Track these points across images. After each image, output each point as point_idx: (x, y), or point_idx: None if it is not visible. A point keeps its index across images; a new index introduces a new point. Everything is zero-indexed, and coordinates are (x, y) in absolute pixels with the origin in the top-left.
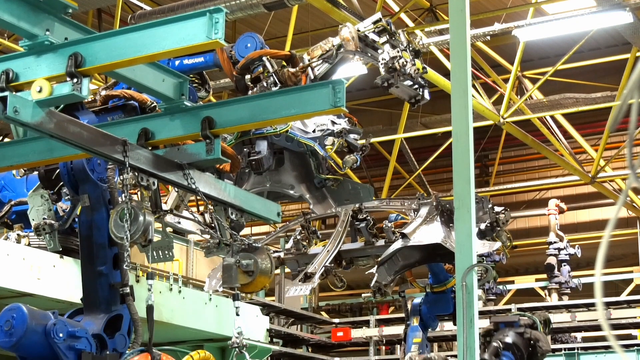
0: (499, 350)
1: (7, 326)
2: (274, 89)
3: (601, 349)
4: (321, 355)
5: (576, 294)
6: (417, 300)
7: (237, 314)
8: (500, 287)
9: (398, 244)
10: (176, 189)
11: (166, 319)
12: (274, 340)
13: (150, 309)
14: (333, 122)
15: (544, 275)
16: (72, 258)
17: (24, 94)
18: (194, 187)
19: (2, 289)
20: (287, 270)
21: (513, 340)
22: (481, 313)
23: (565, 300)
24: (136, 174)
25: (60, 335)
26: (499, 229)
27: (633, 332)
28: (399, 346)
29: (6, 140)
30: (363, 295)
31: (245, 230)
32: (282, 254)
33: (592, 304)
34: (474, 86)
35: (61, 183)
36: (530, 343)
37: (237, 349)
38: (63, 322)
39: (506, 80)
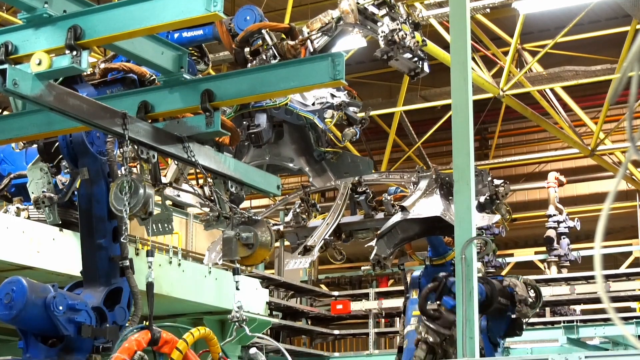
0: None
1: (6, 299)
2: (273, 61)
3: (600, 322)
4: (320, 328)
5: (575, 267)
6: (417, 273)
7: (237, 288)
8: (500, 259)
9: (397, 217)
10: (176, 162)
11: (166, 292)
12: (274, 313)
13: (150, 286)
14: (332, 95)
15: (543, 248)
16: (72, 231)
17: (23, 66)
18: (193, 159)
19: (2, 262)
20: (286, 243)
21: (484, 276)
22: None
23: (565, 273)
24: (136, 146)
25: (60, 308)
26: (498, 201)
27: (632, 304)
28: (398, 319)
29: (5, 113)
30: (362, 268)
31: (245, 204)
32: (281, 227)
33: (592, 277)
34: (473, 59)
35: (60, 156)
36: (506, 290)
37: (237, 323)
38: (63, 295)
39: (506, 53)
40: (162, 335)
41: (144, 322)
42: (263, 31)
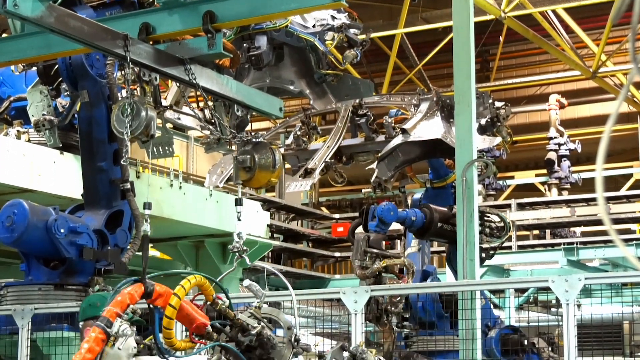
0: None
1: (8, 222)
2: None
3: (600, 243)
4: (321, 251)
5: (576, 189)
6: (417, 195)
7: (239, 219)
8: (500, 182)
9: (398, 140)
10: (178, 84)
11: (167, 215)
12: (275, 235)
13: (145, 238)
14: (333, 17)
15: (544, 171)
16: (72, 154)
17: None
18: (194, 81)
19: (3, 185)
20: (287, 166)
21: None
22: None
23: (565, 195)
24: (137, 68)
25: (62, 230)
26: (499, 124)
27: (632, 226)
28: (399, 241)
29: (4, 35)
30: (363, 190)
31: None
32: (282, 150)
33: (592, 199)
34: None
35: (60, 79)
36: (451, 214)
37: (237, 254)
38: (64, 217)
39: None
40: (155, 288)
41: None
42: None
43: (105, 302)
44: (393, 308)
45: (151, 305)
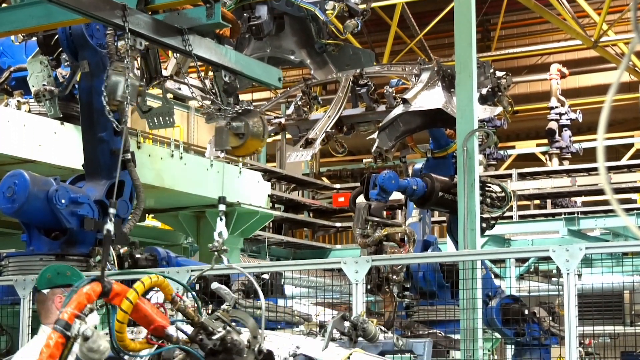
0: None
1: (9, 192)
2: None
3: (601, 213)
4: (322, 221)
5: (577, 159)
6: (418, 165)
7: (221, 218)
8: (501, 152)
9: (399, 109)
10: (175, 55)
11: (168, 185)
12: (276, 206)
13: (107, 236)
14: None
15: (545, 140)
16: (73, 125)
17: None
18: (191, 52)
19: (3, 156)
20: (288, 136)
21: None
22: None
23: (566, 165)
24: (136, 39)
25: (63, 201)
26: (500, 93)
27: (633, 196)
28: (399, 211)
29: (3, 5)
30: (364, 160)
31: (246, 96)
32: (283, 120)
33: (593, 169)
34: None
35: (60, 49)
36: (452, 183)
37: (216, 253)
38: (65, 188)
39: None
40: (113, 286)
41: (147, 216)
42: None
43: (75, 272)
44: (394, 276)
45: (109, 305)
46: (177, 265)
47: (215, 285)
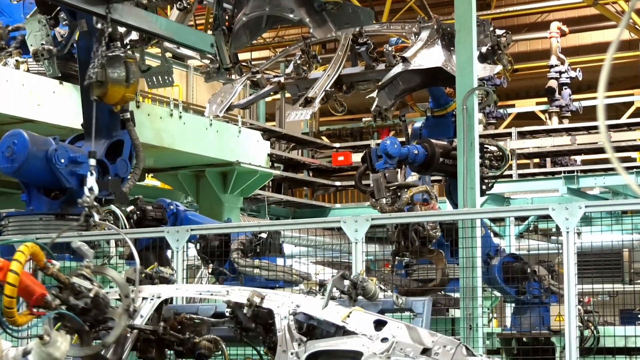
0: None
1: (8, 152)
2: None
3: (600, 172)
4: (322, 180)
5: (576, 117)
6: (418, 124)
7: (92, 173)
8: (501, 110)
9: (399, 68)
10: (177, 6)
11: (167, 144)
12: (275, 165)
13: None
14: None
15: (545, 99)
16: (72, 84)
17: None
18: (109, 16)
19: (2, 115)
20: (287, 95)
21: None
22: (481, 137)
23: (566, 124)
24: None
25: (62, 160)
26: (500, 52)
27: (632, 154)
28: (399, 170)
29: None
30: (364, 119)
31: (245, 55)
32: (282, 79)
33: (593, 127)
34: None
35: (58, 8)
36: (451, 147)
37: (86, 209)
38: (64, 147)
39: None
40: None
41: (146, 175)
42: None
43: None
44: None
45: None
46: (185, 219)
47: (76, 243)
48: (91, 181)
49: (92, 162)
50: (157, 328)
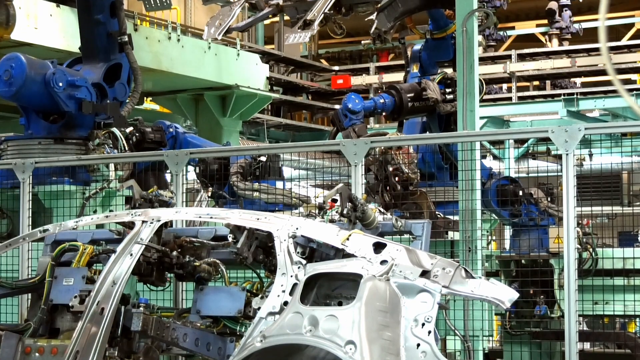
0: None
1: (6, 76)
2: None
3: (600, 94)
4: (321, 103)
5: (577, 39)
6: (417, 46)
7: None
8: (501, 32)
9: None
10: None
11: (165, 67)
12: (274, 88)
13: None
14: None
15: (545, 21)
16: (69, 7)
17: None
18: None
19: None
20: (286, 17)
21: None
22: (481, 59)
23: (566, 46)
24: None
25: (60, 84)
26: None
27: (633, 76)
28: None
29: None
30: (363, 42)
31: None
32: (280, 1)
33: (593, 49)
34: None
35: None
36: (420, 88)
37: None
38: (62, 71)
39: None
40: None
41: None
42: None
43: None
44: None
45: None
46: (185, 142)
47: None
48: None
49: None
50: (164, 249)
